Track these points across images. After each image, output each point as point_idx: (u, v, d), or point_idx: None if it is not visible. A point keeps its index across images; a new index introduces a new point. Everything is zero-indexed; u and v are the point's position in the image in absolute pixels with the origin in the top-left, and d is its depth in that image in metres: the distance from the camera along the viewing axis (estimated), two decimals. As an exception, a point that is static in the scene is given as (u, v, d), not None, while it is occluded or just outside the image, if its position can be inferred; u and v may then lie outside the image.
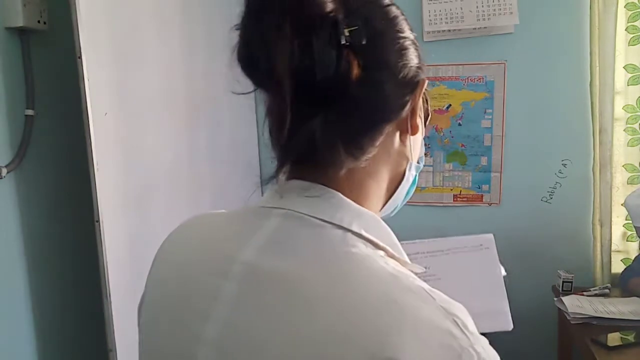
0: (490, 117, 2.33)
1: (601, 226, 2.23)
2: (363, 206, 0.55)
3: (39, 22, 1.41)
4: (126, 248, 1.43)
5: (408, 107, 0.56)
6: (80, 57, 1.26)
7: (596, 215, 2.24)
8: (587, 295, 2.04)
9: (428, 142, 2.39)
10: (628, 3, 2.16)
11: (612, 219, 2.23)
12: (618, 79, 2.18)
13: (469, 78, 2.33)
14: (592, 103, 2.20)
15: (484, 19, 2.25)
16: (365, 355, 0.43)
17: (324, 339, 0.45)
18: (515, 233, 2.37)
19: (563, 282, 2.14)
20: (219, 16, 2.13)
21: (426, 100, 0.61)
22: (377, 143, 0.54)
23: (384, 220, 0.56)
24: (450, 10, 2.28)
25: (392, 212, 0.64)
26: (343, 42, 0.48)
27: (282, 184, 0.55)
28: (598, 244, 2.24)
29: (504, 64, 2.29)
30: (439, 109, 2.37)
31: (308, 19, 0.47)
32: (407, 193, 0.63)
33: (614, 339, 1.68)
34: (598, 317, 1.83)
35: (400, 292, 0.46)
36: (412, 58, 0.56)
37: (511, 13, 2.23)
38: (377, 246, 0.52)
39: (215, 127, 2.01)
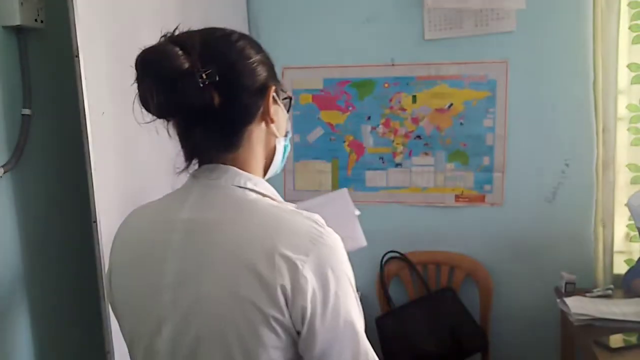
0: (493, 116, 2.32)
1: (604, 227, 2.21)
2: (251, 173, 0.84)
3: (36, 20, 1.40)
4: (124, 249, 1.42)
5: (262, 107, 0.83)
6: (77, 56, 1.25)
7: (599, 215, 2.22)
8: (590, 297, 2.03)
9: (430, 141, 2.38)
10: (631, 1, 2.15)
11: (615, 220, 2.21)
12: (621, 77, 2.17)
13: (471, 77, 2.31)
14: (595, 102, 2.19)
15: (482, 25, 2.25)
16: (262, 252, 0.73)
17: (236, 250, 0.75)
18: (517, 234, 2.35)
19: (566, 283, 2.13)
20: (219, 16, 2.12)
21: (280, 91, 0.86)
22: (245, 138, 0.83)
23: (271, 178, 0.90)
24: (450, 15, 2.27)
25: (275, 172, 0.92)
26: (201, 84, 0.75)
27: (196, 170, 0.88)
28: (600, 245, 2.22)
29: (506, 62, 2.28)
30: (441, 108, 2.36)
31: (172, 76, 0.75)
32: (283, 158, 0.92)
33: (616, 340, 1.67)
34: (601, 319, 1.81)
35: (279, 212, 0.79)
36: (261, 73, 0.82)
37: (509, 17, 2.22)
38: (264, 195, 0.83)
39: (214, 126, 2.00)
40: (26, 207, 1.42)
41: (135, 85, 0.84)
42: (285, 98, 0.89)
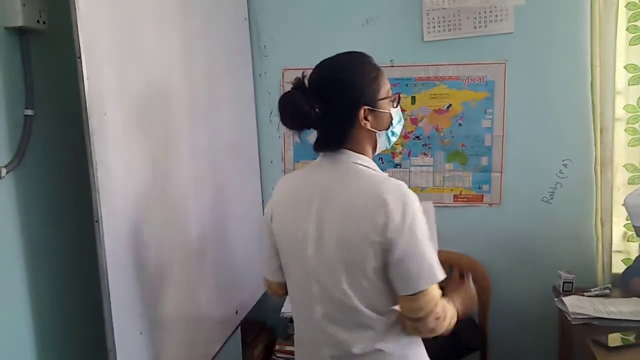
0: (491, 117, 2.33)
1: (602, 226, 2.23)
2: (363, 154, 1.27)
3: (38, 21, 1.40)
4: (126, 248, 1.42)
5: (357, 117, 1.23)
6: (79, 57, 1.25)
7: (597, 215, 2.23)
8: (588, 296, 2.04)
9: (429, 142, 2.39)
10: (629, 3, 2.16)
11: (613, 219, 2.23)
12: (619, 78, 2.18)
13: (470, 78, 2.33)
14: (592, 103, 2.20)
15: (480, 27, 2.26)
16: (375, 201, 1.16)
17: (358, 202, 1.19)
18: (515, 233, 2.37)
19: (564, 282, 2.14)
20: (218, 16, 2.13)
21: (378, 102, 1.26)
22: (352, 135, 1.25)
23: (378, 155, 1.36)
24: (448, 17, 2.28)
25: (384, 147, 1.33)
26: (313, 115, 1.20)
27: (322, 155, 1.29)
28: (598, 244, 2.24)
29: (505, 63, 2.29)
30: (440, 108, 2.37)
31: (295, 112, 1.21)
32: (389, 139, 1.33)
33: (614, 339, 1.68)
34: (599, 318, 1.83)
35: (384, 179, 1.22)
36: (352, 98, 1.24)
37: (507, 19, 2.24)
38: (368, 167, 1.25)
39: (215, 127, 2.01)
40: (29, 206, 1.43)
41: (135, 85, 1.36)
42: (384, 98, 1.26)
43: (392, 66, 2.38)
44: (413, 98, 2.38)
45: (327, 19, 2.41)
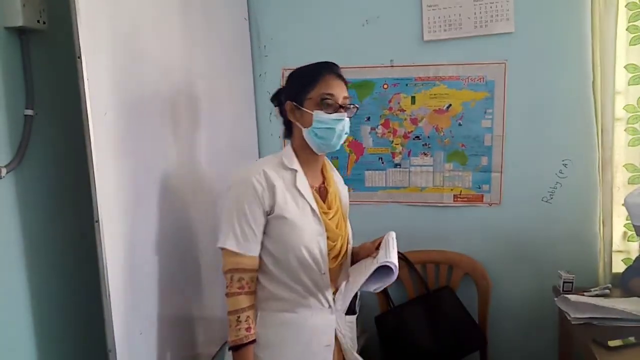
0: (491, 117, 2.33)
1: (602, 226, 2.23)
2: (295, 148, 1.53)
3: (38, 21, 1.40)
4: (126, 248, 1.42)
5: (285, 110, 1.52)
6: (79, 57, 1.25)
7: (596, 215, 2.23)
8: (588, 296, 2.04)
9: (429, 142, 2.39)
10: (629, 3, 2.16)
11: (613, 219, 2.23)
12: (619, 78, 2.18)
13: (470, 78, 2.33)
14: (593, 103, 2.20)
15: (481, 26, 2.26)
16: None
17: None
18: (515, 233, 2.37)
19: (564, 282, 2.14)
20: (219, 16, 2.13)
21: (307, 100, 1.47)
22: (288, 126, 1.55)
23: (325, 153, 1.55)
24: (449, 16, 2.28)
25: (317, 149, 1.50)
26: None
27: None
28: (598, 244, 2.24)
29: (505, 63, 2.29)
30: (439, 108, 2.37)
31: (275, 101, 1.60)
32: (315, 141, 1.47)
33: (614, 339, 1.68)
34: (599, 318, 1.82)
35: (250, 165, 1.52)
36: (285, 92, 1.53)
37: (507, 19, 2.24)
38: (269, 157, 1.55)
39: (215, 127, 2.01)
40: (29, 206, 1.43)
41: (135, 85, 1.50)
42: (311, 99, 1.45)
43: (392, 66, 2.38)
44: (413, 98, 2.39)
45: (327, 19, 2.41)
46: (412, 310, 2.27)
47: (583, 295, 2.04)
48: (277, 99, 1.56)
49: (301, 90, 1.46)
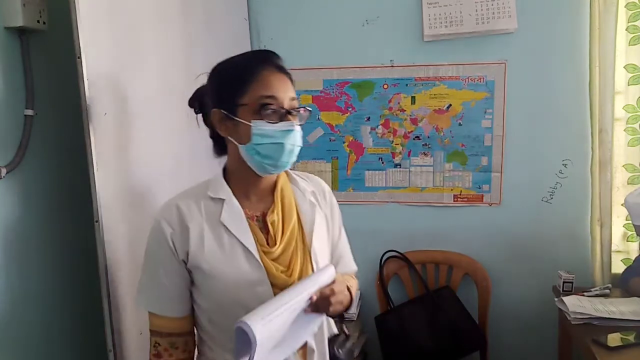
0: (491, 117, 2.33)
1: (601, 226, 2.23)
2: (231, 169, 1.18)
3: (38, 22, 1.40)
4: (126, 248, 1.42)
5: (212, 121, 1.16)
6: (79, 57, 1.25)
7: (596, 215, 2.23)
8: (588, 296, 2.04)
9: (429, 142, 2.39)
10: (628, 3, 2.16)
11: (612, 219, 2.23)
12: (618, 78, 2.18)
13: (470, 78, 2.33)
14: (592, 103, 2.20)
15: (482, 23, 2.26)
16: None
17: None
18: (515, 233, 2.37)
19: (564, 282, 2.14)
20: (219, 16, 2.13)
21: (239, 107, 1.09)
22: (218, 142, 1.21)
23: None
24: (450, 13, 2.28)
25: (261, 172, 1.13)
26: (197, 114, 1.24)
27: None
28: (598, 244, 2.24)
29: (505, 63, 2.29)
30: (439, 108, 2.37)
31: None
32: (258, 163, 1.11)
33: (614, 339, 1.68)
34: (599, 318, 1.82)
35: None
36: (209, 96, 1.16)
37: (510, 16, 2.24)
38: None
39: (215, 127, 2.01)
40: (29, 206, 1.43)
41: (135, 85, 1.26)
42: (244, 105, 1.08)
43: (392, 66, 2.38)
44: (413, 98, 2.39)
45: (327, 19, 2.41)
46: (412, 310, 2.27)
47: (583, 295, 2.04)
48: (199, 102, 1.20)
49: (231, 93, 1.09)
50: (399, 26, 2.35)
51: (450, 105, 2.36)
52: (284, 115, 1.08)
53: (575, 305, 1.91)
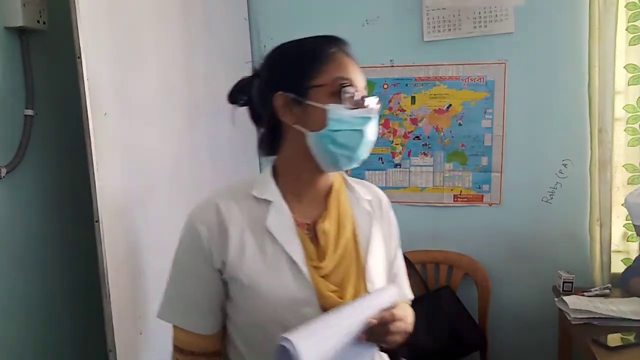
0: (491, 117, 2.33)
1: (601, 226, 2.23)
2: (285, 168, 1.03)
3: (38, 22, 1.40)
4: (126, 248, 1.42)
5: (272, 107, 0.98)
6: (79, 57, 1.25)
7: (595, 215, 2.23)
8: (588, 296, 2.04)
9: (429, 142, 2.39)
10: (628, 3, 2.16)
11: (612, 219, 2.23)
12: (618, 78, 2.18)
13: (469, 78, 2.33)
14: (592, 103, 2.20)
15: (481, 26, 2.26)
16: None
17: None
18: (515, 233, 2.37)
19: (563, 282, 2.14)
20: (219, 16, 2.13)
21: (311, 90, 0.95)
22: (275, 135, 1.02)
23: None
24: (449, 17, 2.28)
25: (329, 168, 0.99)
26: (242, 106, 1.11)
27: None
28: (598, 244, 2.24)
29: (505, 63, 2.29)
30: (439, 108, 2.37)
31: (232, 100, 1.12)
32: (330, 152, 0.95)
33: (614, 339, 1.68)
34: (599, 318, 1.82)
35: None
36: (267, 79, 1.01)
37: (507, 19, 2.24)
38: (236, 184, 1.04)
39: (215, 127, 2.01)
40: (29, 206, 1.43)
41: (135, 85, 1.14)
42: (318, 86, 0.94)
43: (392, 66, 2.38)
44: (413, 98, 2.39)
45: (327, 19, 2.41)
46: (412, 310, 2.27)
47: (583, 295, 2.04)
48: (246, 93, 1.05)
49: (301, 73, 0.95)
50: (399, 26, 2.35)
51: (450, 105, 2.36)
52: (361, 101, 0.95)
53: (576, 305, 1.91)
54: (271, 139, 1.02)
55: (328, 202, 1.02)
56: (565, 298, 1.97)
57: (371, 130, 0.97)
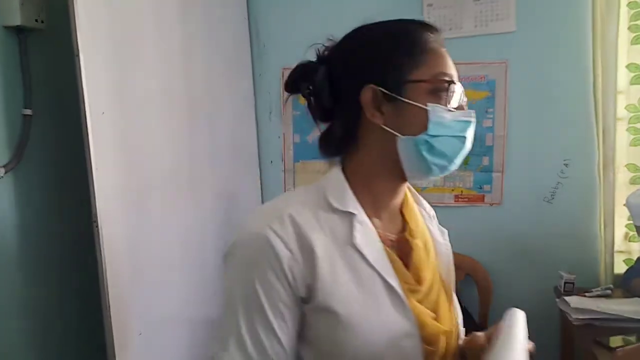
0: (492, 116, 2.32)
1: (604, 226, 2.22)
2: (363, 177, 0.85)
3: (36, 20, 1.40)
4: (125, 248, 1.42)
5: (358, 103, 0.82)
6: (78, 56, 1.25)
7: (598, 215, 2.22)
8: (589, 296, 2.03)
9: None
10: (630, 2, 2.15)
11: (615, 220, 2.22)
12: (620, 78, 2.17)
13: (470, 77, 2.32)
14: (594, 102, 2.19)
15: (482, 26, 2.26)
16: None
17: None
18: (516, 233, 2.36)
19: (565, 282, 2.13)
20: (219, 16, 2.12)
21: (407, 83, 0.80)
22: (349, 133, 0.85)
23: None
24: (449, 16, 2.28)
25: (413, 177, 0.84)
26: (306, 95, 0.90)
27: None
28: (600, 245, 2.23)
29: (506, 63, 2.28)
30: (440, 108, 2.36)
31: (295, 88, 0.93)
32: (424, 160, 0.80)
33: (616, 340, 1.67)
34: (600, 318, 1.81)
35: (259, 212, 0.81)
36: (353, 68, 0.87)
37: (508, 19, 2.23)
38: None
39: (215, 127, 2.01)
40: (27, 206, 1.42)
41: (134, 84, 1.02)
42: (417, 81, 0.78)
43: (392, 66, 2.37)
44: (414, 98, 2.38)
45: (327, 19, 2.40)
46: (412, 310, 2.26)
47: (584, 296, 2.03)
48: (308, 81, 0.87)
49: (397, 64, 0.80)
50: (399, 25, 2.34)
51: (451, 104, 2.35)
52: (463, 103, 0.83)
53: (577, 304, 1.90)
54: (343, 138, 0.84)
55: (406, 215, 0.89)
56: (566, 299, 1.96)
57: (471, 137, 0.85)
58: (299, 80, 0.89)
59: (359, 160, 0.84)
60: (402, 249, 0.84)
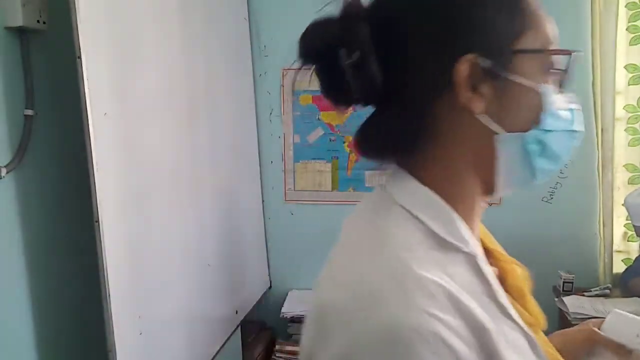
0: (491, 117, 2.32)
1: (602, 226, 2.23)
2: (441, 185, 0.57)
3: (38, 21, 1.40)
4: (126, 248, 1.42)
5: (447, 80, 0.55)
6: (79, 57, 1.25)
7: (597, 215, 2.23)
8: (588, 296, 2.04)
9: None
10: (629, 3, 2.16)
11: (613, 219, 2.22)
12: (619, 78, 2.18)
13: (470, 78, 2.32)
14: (593, 103, 2.20)
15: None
16: (313, 302, 0.55)
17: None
18: (515, 233, 2.36)
19: (564, 282, 2.14)
20: (219, 16, 2.13)
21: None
22: (421, 125, 0.58)
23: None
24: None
25: (509, 187, 0.58)
26: (345, 70, 0.62)
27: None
28: (599, 244, 2.24)
29: (505, 63, 2.29)
30: (440, 108, 2.37)
31: (318, 57, 0.66)
32: (529, 164, 0.57)
33: (614, 339, 1.68)
34: (599, 318, 1.82)
35: (372, 252, 0.54)
36: (438, 30, 0.56)
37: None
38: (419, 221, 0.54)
39: (215, 127, 2.01)
40: (29, 207, 1.43)
41: (135, 85, 0.86)
42: (530, 51, 0.57)
43: (392, 66, 2.38)
44: (413, 98, 2.38)
45: (327, 19, 2.40)
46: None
47: (583, 295, 2.04)
48: (350, 49, 0.58)
49: (503, 24, 0.55)
50: (399, 26, 2.35)
51: (451, 105, 2.35)
52: (567, 83, 0.61)
53: (575, 305, 1.91)
54: (409, 132, 0.57)
55: (484, 238, 0.68)
56: (565, 299, 1.97)
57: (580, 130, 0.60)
58: (329, 42, 0.60)
59: (438, 166, 0.57)
60: (505, 279, 0.66)
